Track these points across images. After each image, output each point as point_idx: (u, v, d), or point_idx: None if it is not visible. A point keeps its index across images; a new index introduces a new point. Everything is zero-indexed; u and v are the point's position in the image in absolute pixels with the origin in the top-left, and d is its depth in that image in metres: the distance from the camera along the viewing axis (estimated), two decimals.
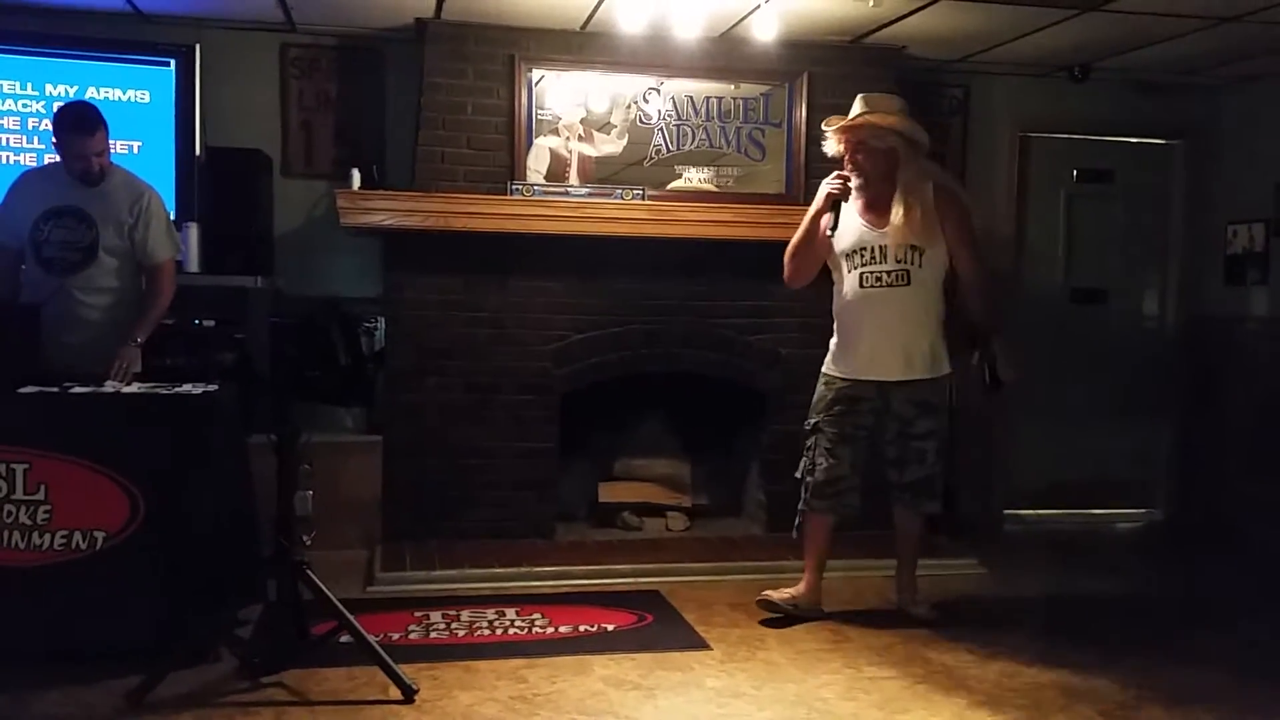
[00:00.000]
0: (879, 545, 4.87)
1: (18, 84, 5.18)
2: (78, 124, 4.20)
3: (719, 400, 5.73)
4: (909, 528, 4.51)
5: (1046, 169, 6.49)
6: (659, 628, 4.30)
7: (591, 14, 5.15)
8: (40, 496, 3.62)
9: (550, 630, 4.23)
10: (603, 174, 5.55)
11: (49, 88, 5.20)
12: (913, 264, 4.19)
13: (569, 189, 5.39)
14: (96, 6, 5.22)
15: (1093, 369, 6.55)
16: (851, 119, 4.25)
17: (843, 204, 4.23)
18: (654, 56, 5.46)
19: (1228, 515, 6.17)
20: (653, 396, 5.87)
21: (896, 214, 4.17)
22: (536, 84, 5.46)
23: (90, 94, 5.11)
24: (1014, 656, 4.01)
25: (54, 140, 4.31)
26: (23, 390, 3.73)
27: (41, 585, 3.61)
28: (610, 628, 4.28)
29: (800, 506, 4.41)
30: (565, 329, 5.47)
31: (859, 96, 4.34)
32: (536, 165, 5.47)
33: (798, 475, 4.43)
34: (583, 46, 5.47)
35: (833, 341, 4.41)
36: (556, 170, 5.49)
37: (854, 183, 4.25)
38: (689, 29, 5.03)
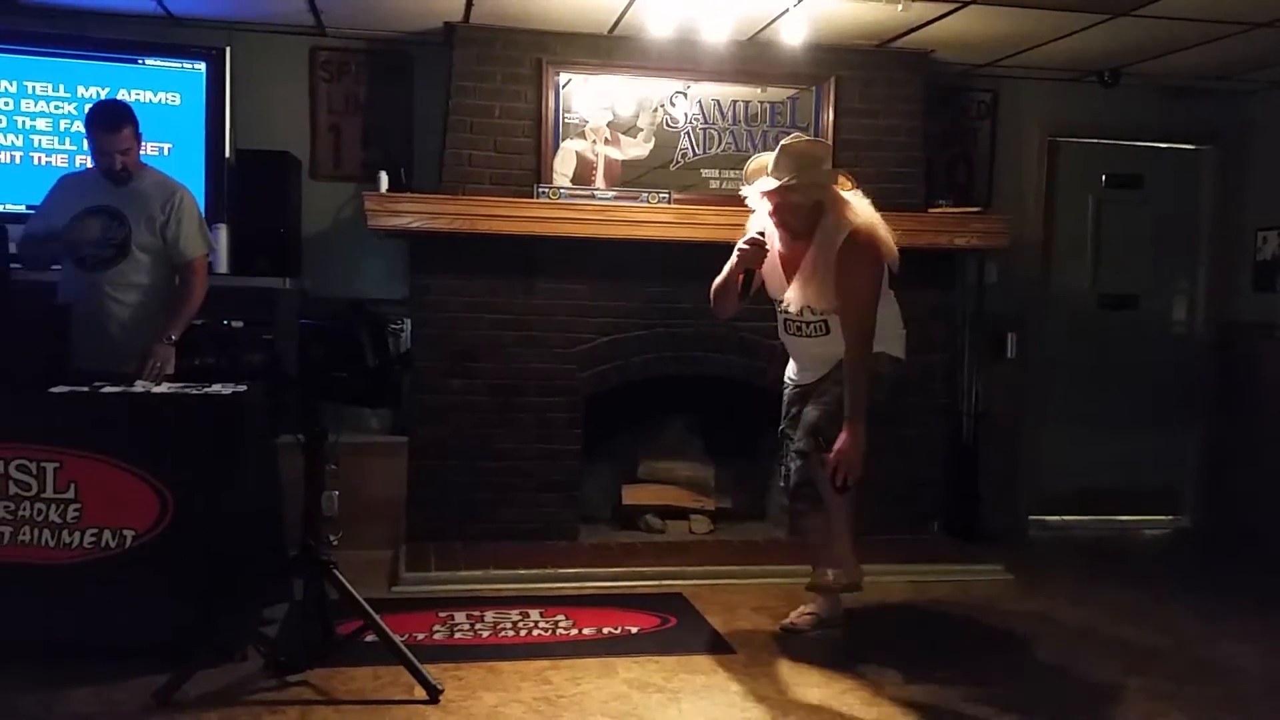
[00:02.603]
0: (903, 549, 4.87)
1: (50, 85, 5.24)
2: (104, 120, 4.26)
3: (743, 404, 5.72)
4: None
5: (1075, 174, 6.46)
6: (683, 631, 4.30)
7: (619, 18, 5.15)
8: (70, 495, 3.66)
9: (574, 632, 4.24)
10: (629, 177, 5.56)
11: (80, 89, 5.25)
12: (828, 317, 4.06)
13: (595, 192, 5.40)
14: (128, 9, 5.27)
15: (1121, 375, 6.50)
16: (784, 183, 3.94)
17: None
18: (681, 60, 5.46)
19: (1256, 523, 6.12)
20: (677, 399, 5.87)
21: (795, 284, 4.05)
22: (564, 87, 5.48)
23: (121, 96, 5.15)
24: (1038, 668, 4.00)
25: (86, 135, 4.36)
26: (53, 390, 3.77)
27: (70, 583, 3.64)
28: (634, 630, 4.29)
29: (785, 510, 4.41)
30: (590, 332, 5.48)
31: (782, 149, 4.00)
32: (563, 168, 5.48)
33: (781, 484, 4.41)
34: (610, 50, 5.48)
35: None
36: (582, 173, 5.50)
37: (772, 243, 4.11)
38: (717, 32, 5.04)
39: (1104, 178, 6.53)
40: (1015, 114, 6.29)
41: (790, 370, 4.36)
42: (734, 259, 4.14)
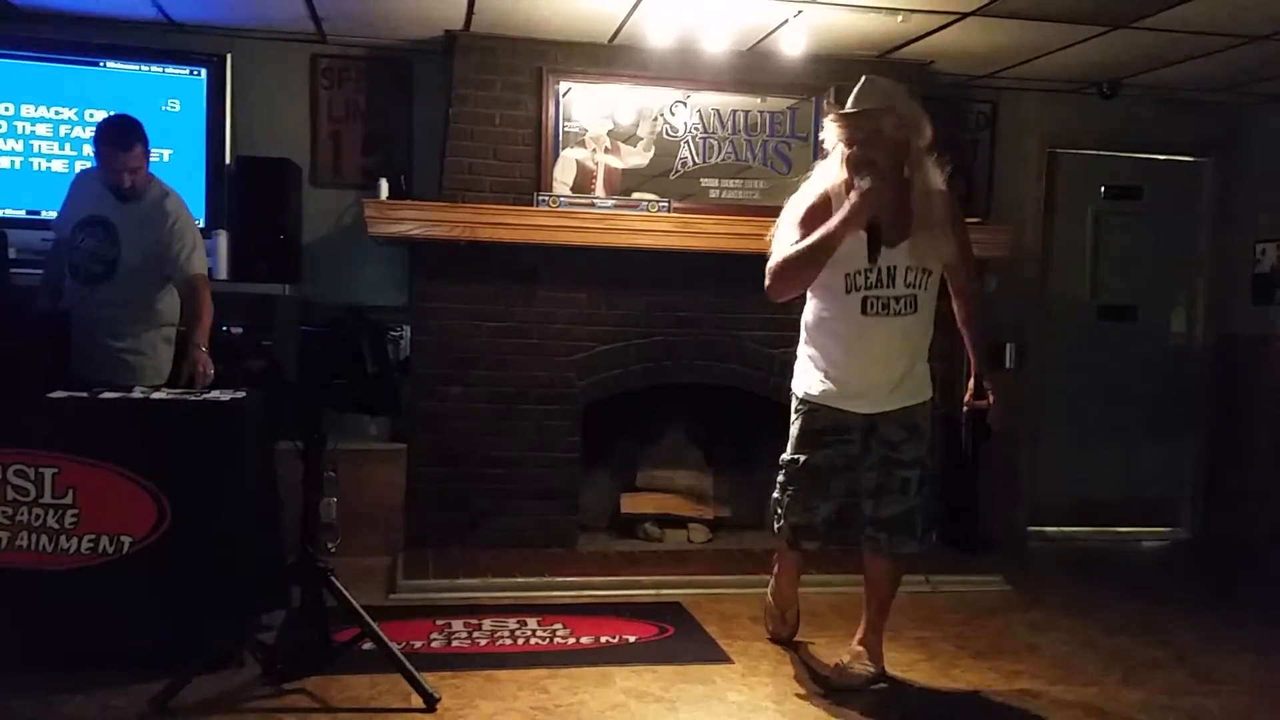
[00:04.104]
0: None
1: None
2: (115, 137, 4.24)
3: (742, 412, 5.72)
4: (879, 575, 3.81)
5: (1074, 185, 6.47)
6: (681, 640, 4.29)
7: (620, 27, 5.16)
8: (68, 500, 3.65)
9: (572, 641, 4.23)
10: (628, 186, 5.56)
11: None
12: (920, 287, 3.64)
13: (595, 201, 5.41)
14: (129, 16, 5.27)
15: (1119, 386, 6.51)
16: (874, 105, 3.54)
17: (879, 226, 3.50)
18: (681, 69, 5.47)
19: (1254, 535, 6.12)
20: (676, 408, 5.88)
21: (917, 229, 3.56)
22: (564, 96, 5.49)
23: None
24: (1037, 679, 3.99)
25: (94, 150, 4.34)
26: (52, 395, 3.77)
27: (68, 589, 3.63)
28: (632, 639, 4.28)
29: (788, 545, 3.96)
30: (589, 340, 5.48)
31: (867, 79, 3.62)
32: (563, 177, 5.49)
33: (778, 514, 3.90)
34: (610, 59, 5.49)
35: (809, 362, 3.82)
36: (582, 182, 5.51)
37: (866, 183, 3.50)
38: (716, 42, 5.06)
39: (1103, 189, 6.55)
40: (1014, 125, 6.31)
41: (829, 381, 3.74)
42: (854, 213, 3.46)
